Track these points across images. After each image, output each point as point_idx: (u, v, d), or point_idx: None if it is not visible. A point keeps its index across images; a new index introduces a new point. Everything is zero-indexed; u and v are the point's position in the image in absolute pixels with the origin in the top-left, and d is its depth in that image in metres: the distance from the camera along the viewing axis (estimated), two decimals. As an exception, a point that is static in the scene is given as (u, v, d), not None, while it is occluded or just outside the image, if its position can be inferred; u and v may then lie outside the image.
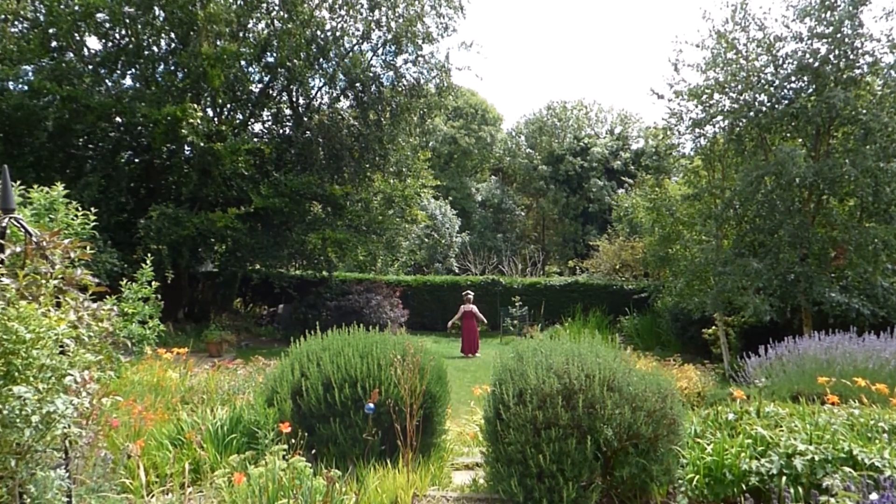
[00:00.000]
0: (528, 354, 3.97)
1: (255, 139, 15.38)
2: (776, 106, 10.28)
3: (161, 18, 13.65)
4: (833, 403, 4.63)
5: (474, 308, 13.91)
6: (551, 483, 3.43)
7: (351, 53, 15.21)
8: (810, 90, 10.12)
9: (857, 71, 9.86)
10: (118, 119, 13.34)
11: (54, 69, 12.67)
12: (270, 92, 15.88)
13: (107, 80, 13.87)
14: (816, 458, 3.41)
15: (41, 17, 13.01)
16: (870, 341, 6.77)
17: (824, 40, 9.80)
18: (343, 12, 15.09)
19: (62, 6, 12.56)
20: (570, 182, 31.60)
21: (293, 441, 3.80)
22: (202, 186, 13.44)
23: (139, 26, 13.49)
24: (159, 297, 5.18)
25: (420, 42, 15.17)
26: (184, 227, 12.42)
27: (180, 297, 15.24)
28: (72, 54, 13.49)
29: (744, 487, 3.49)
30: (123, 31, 13.76)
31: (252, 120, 16.20)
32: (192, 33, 13.38)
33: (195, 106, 12.47)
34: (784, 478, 3.40)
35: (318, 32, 14.77)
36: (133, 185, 13.20)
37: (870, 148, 9.34)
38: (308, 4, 14.48)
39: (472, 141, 32.98)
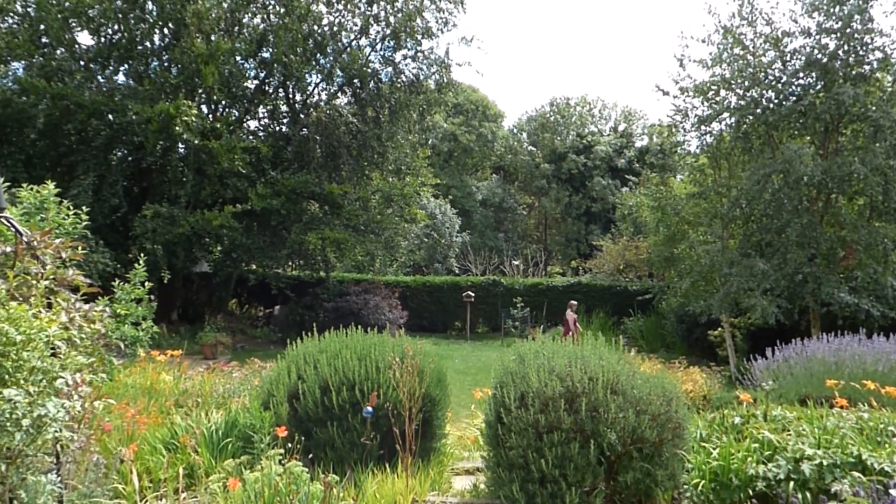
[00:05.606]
0: (530, 357, 3.90)
1: (251, 137, 15.24)
2: (783, 103, 10.17)
3: (154, 13, 13.51)
4: (842, 407, 4.56)
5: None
6: (553, 488, 3.37)
7: (349, 49, 15.03)
8: (818, 86, 10.01)
9: (867, 67, 9.76)
10: (110, 117, 13.14)
11: (44, 66, 12.50)
12: (266, 88, 15.74)
13: (98, 77, 13.69)
14: (825, 462, 3.36)
15: (31, 13, 12.84)
16: (879, 343, 6.70)
17: (833, 35, 9.69)
18: (341, 6, 14.94)
19: (52, 1, 12.39)
20: (573, 180, 31.44)
21: (290, 445, 3.76)
22: (197, 186, 13.29)
23: (131, 21, 13.33)
24: (152, 298, 5.13)
25: (419, 37, 15.03)
26: (179, 225, 12.26)
27: (174, 298, 15.15)
28: (62, 50, 13.30)
29: (750, 493, 3.46)
30: (115, 27, 13.60)
31: (248, 117, 16.05)
32: (184, 28, 13.24)
33: (189, 102, 12.29)
34: (791, 483, 3.35)
35: (315, 27, 14.62)
36: (126, 184, 13.09)
37: (879, 145, 9.23)
38: (305, -2, 14.34)
39: (472, 138, 32.82)
